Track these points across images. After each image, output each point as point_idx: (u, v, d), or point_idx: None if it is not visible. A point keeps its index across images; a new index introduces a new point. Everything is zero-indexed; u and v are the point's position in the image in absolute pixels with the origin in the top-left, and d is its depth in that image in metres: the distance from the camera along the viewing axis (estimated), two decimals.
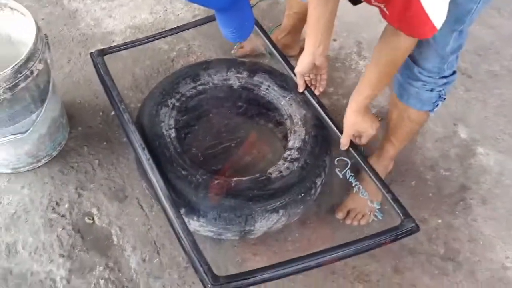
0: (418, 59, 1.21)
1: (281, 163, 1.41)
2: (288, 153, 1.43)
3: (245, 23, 0.96)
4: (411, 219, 1.22)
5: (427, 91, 1.25)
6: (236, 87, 1.60)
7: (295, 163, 1.39)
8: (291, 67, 1.48)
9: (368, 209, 1.50)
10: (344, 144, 1.34)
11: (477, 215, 1.60)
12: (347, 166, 1.34)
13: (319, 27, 1.25)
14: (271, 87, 1.58)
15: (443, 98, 1.27)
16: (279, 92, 1.57)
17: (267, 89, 1.58)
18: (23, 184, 1.58)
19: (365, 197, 1.31)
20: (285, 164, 1.40)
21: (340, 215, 1.54)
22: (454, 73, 1.25)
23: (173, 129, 1.45)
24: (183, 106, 1.53)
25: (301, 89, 1.46)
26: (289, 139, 1.48)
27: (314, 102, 1.44)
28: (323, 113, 1.42)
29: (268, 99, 1.59)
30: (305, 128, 1.48)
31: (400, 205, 1.25)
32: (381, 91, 1.26)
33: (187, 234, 1.16)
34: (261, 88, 1.59)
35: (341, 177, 1.35)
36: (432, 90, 1.25)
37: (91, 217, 1.53)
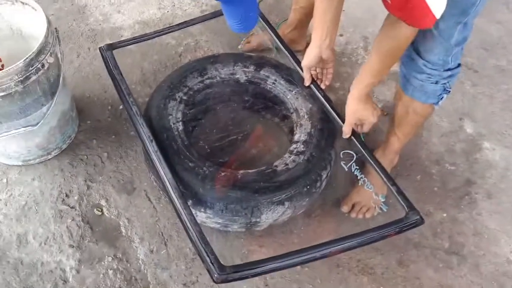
0: (422, 52, 1.22)
1: (287, 156, 1.42)
2: (294, 146, 1.44)
3: (250, 14, 1.00)
4: (416, 211, 1.23)
5: (431, 83, 1.26)
6: (243, 81, 1.62)
7: (301, 156, 1.41)
8: (298, 61, 1.49)
9: (373, 202, 1.50)
10: (346, 132, 1.35)
11: (482, 209, 1.60)
12: (352, 159, 1.35)
13: (326, 21, 1.26)
14: (278, 81, 1.59)
15: (448, 90, 1.27)
16: (286, 86, 1.58)
17: (274, 83, 1.60)
18: (34, 176, 1.61)
19: (370, 190, 1.32)
20: (291, 157, 1.41)
21: (345, 208, 1.55)
22: (459, 65, 1.25)
23: (181, 122, 1.47)
24: (191, 99, 1.55)
25: (307, 82, 1.47)
26: (295, 133, 1.49)
27: (320, 96, 1.45)
28: (329, 107, 1.43)
29: (274, 93, 1.60)
30: (311, 121, 1.49)
31: (404, 197, 1.26)
32: (382, 79, 1.26)
33: (194, 224, 1.18)
34: (268, 82, 1.60)
35: (346, 170, 1.36)
36: (437, 82, 1.25)
37: (100, 208, 1.55)
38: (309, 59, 1.37)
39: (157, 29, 1.72)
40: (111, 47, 1.56)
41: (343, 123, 1.39)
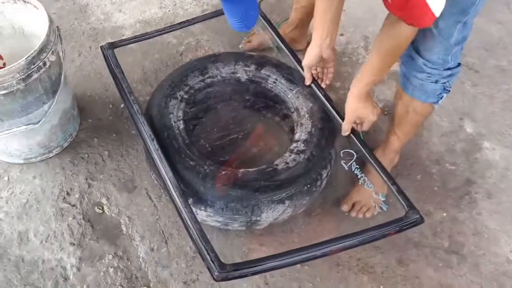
0: (422, 51, 1.22)
1: (288, 155, 1.42)
2: (294, 145, 1.45)
3: (250, 12, 1.02)
4: (416, 210, 1.23)
5: (431, 82, 1.26)
6: (243, 80, 1.62)
7: (301, 155, 1.41)
8: (298, 60, 1.49)
9: (373, 201, 1.51)
10: (345, 130, 1.36)
11: (482, 209, 1.61)
12: (352, 158, 1.35)
13: (326, 20, 1.26)
14: (279, 80, 1.59)
15: (448, 90, 1.28)
16: (286, 85, 1.58)
17: (275, 82, 1.60)
18: (35, 174, 1.61)
19: (371, 189, 1.33)
20: (292, 156, 1.41)
21: (345, 208, 1.56)
22: (458, 65, 1.25)
23: (182, 121, 1.48)
24: (192, 98, 1.56)
25: (308, 82, 1.47)
26: (296, 132, 1.50)
27: (320, 95, 1.46)
28: (329, 106, 1.43)
29: (275, 92, 1.61)
30: (311, 120, 1.49)
31: (405, 197, 1.26)
32: (383, 78, 1.27)
33: (195, 222, 1.19)
34: (269, 81, 1.61)
35: (346, 169, 1.36)
36: (436, 82, 1.26)
37: (100, 207, 1.56)
38: (309, 58, 1.38)
39: (158, 28, 1.73)
40: (113, 45, 1.56)
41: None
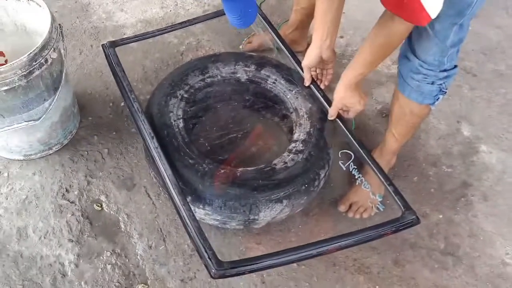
0: (418, 52, 1.24)
1: (286, 154, 1.43)
2: (293, 145, 1.46)
3: (249, 9, 1.09)
4: (412, 211, 1.24)
5: (428, 84, 1.27)
6: (243, 80, 1.63)
7: (299, 154, 1.42)
8: (298, 61, 1.51)
9: (370, 202, 1.52)
10: (331, 114, 1.42)
11: (477, 211, 1.62)
12: (350, 159, 1.36)
13: (326, 21, 1.28)
14: (278, 81, 1.61)
15: (444, 91, 1.29)
16: (286, 85, 1.59)
17: (274, 83, 1.61)
18: (35, 170, 1.62)
19: (368, 189, 1.34)
20: (290, 155, 1.42)
21: (342, 208, 1.57)
22: (455, 67, 1.26)
23: (181, 120, 1.48)
24: (192, 97, 1.57)
25: (307, 82, 1.48)
26: (295, 132, 1.51)
27: (319, 96, 1.47)
28: (328, 107, 1.44)
29: (274, 92, 1.62)
30: (310, 121, 1.50)
31: (401, 197, 1.27)
32: (372, 70, 1.31)
33: (193, 220, 1.19)
34: (268, 81, 1.62)
35: (344, 169, 1.37)
36: (433, 83, 1.27)
37: (99, 204, 1.57)
38: (309, 59, 1.39)
39: (159, 28, 1.74)
40: (114, 44, 1.57)
41: (342, 123, 1.41)
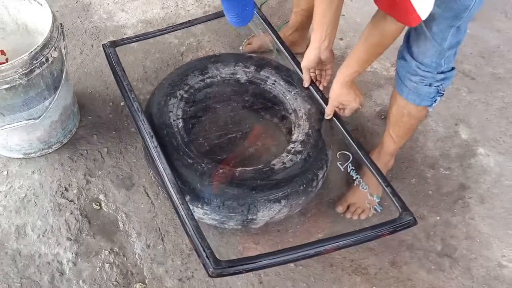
0: (416, 54, 1.25)
1: (285, 155, 1.44)
2: (291, 145, 1.47)
3: (247, 8, 1.16)
4: (409, 212, 1.25)
5: (425, 86, 1.28)
6: (243, 81, 1.64)
7: (298, 155, 1.43)
8: (298, 63, 1.52)
9: (368, 203, 1.52)
10: (328, 113, 1.44)
11: (475, 214, 1.62)
12: (348, 160, 1.37)
13: (324, 22, 1.29)
14: (277, 82, 1.61)
15: (441, 93, 1.30)
16: (285, 86, 1.60)
17: (273, 84, 1.62)
18: (34, 169, 1.63)
19: (366, 190, 1.34)
20: (289, 156, 1.43)
21: (340, 209, 1.57)
22: (452, 69, 1.27)
23: (181, 119, 1.49)
24: (191, 97, 1.57)
25: (306, 83, 1.49)
26: (293, 133, 1.51)
27: (318, 97, 1.48)
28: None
29: (274, 93, 1.63)
30: (309, 122, 1.51)
31: (399, 198, 1.28)
32: (367, 68, 1.33)
33: (191, 219, 1.20)
34: (267, 82, 1.63)
35: (342, 170, 1.38)
36: (430, 85, 1.28)
37: (98, 203, 1.57)
38: (308, 60, 1.40)
39: (160, 28, 1.75)
40: (114, 44, 1.58)
41: (341, 124, 1.42)
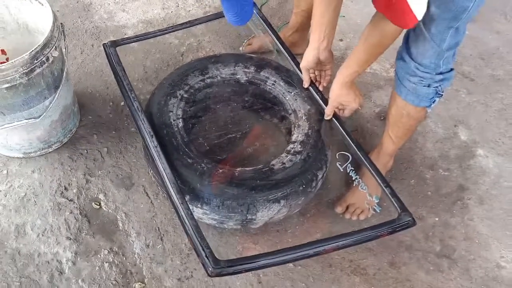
0: (415, 55, 1.25)
1: (284, 155, 1.44)
2: (291, 146, 1.47)
3: (246, 7, 1.18)
4: (408, 213, 1.25)
5: (424, 86, 1.29)
6: (243, 81, 1.64)
7: (297, 155, 1.43)
8: (297, 64, 1.52)
9: (367, 203, 1.53)
10: (327, 114, 1.44)
11: (473, 215, 1.63)
12: (348, 160, 1.37)
13: (323, 22, 1.29)
14: (277, 82, 1.62)
15: (440, 94, 1.30)
16: (285, 87, 1.61)
17: (273, 84, 1.62)
18: (34, 168, 1.63)
19: (365, 190, 1.34)
20: (288, 156, 1.43)
21: (339, 209, 1.58)
22: (451, 70, 1.28)
23: (181, 119, 1.50)
24: (191, 97, 1.58)
25: (306, 84, 1.50)
26: (293, 133, 1.52)
27: (318, 97, 1.49)
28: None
29: (273, 93, 1.63)
30: (308, 122, 1.51)
31: (398, 199, 1.28)
32: (367, 68, 1.34)
33: (191, 219, 1.20)
34: (267, 83, 1.63)
35: (341, 170, 1.38)
36: (429, 86, 1.28)
37: (98, 202, 1.57)
38: (307, 60, 1.40)
39: (160, 28, 1.75)
40: (115, 44, 1.59)
41: (340, 125, 1.42)
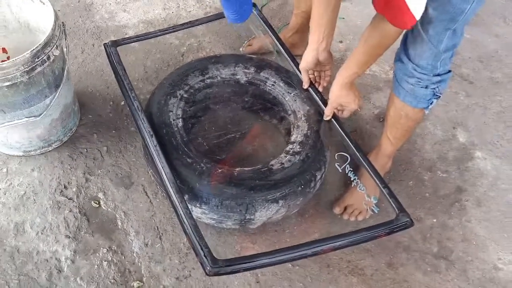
0: (413, 56, 1.26)
1: (283, 155, 1.45)
2: (290, 146, 1.48)
3: (244, 6, 1.22)
4: (406, 214, 1.26)
5: (421, 88, 1.30)
6: (243, 82, 1.65)
7: (296, 156, 1.44)
8: (297, 64, 1.52)
9: (365, 204, 1.53)
10: (327, 115, 1.45)
11: (471, 217, 1.63)
12: (346, 161, 1.38)
13: (322, 23, 1.30)
14: (277, 83, 1.63)
15: (438, 95, 1.31)
16: (284, 88, 1.61)
17: (273, 85, 1.63)
18: (34, 167, 1.63)
19: (363, 191, 1.35)
20: (287, 157, 1.44)
21: (337, 210, 1.58)
22: (449, 72, 1.29)
23: (181, 119, 1.50)
24: (191, 97, 1.58)
25: (305, 85, 1.50)
26: (292, 134, 1.52)
27: (317, 98, 1.49)
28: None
29: (273, 94, 1.64)
30: (308, 123, 1.52)
31: (396, 200, 1.28)
32: (366, 69, 1.34)
33: (189, 218, 1.21)
34: (267, 83, 1.64)
35: (340, 171, 1.39)
36: (426, 87, 1.29)
37: (97, 201, 1.58)
38: (306, 61, 1.41)
39: (161, 28, 1.76)
40: (116, 43, 1.59)
41: (339, 125, 1.43)
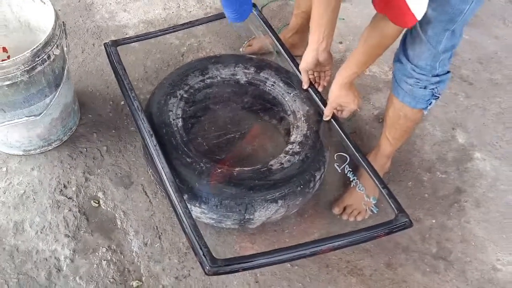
0: (411, 57, 1.27)
1: (283, 156, 1.45)
2: (290, 146, 1.48)
3: (244, 5, 1.24)
4: (405, 214, 1.26)
5: (420, 88, 1.30)
6: (242, 82, 1.65)
7: (296, 156, 1.44)
8: (297, 65, 1.53)
9: (364, 204, 1.53)
10: (326, 115, 1.45)
11: (470, 217, 1.64)
12: (346, 161, 1.38)
13: (322, 24, 1.30)
14: (277, 83, 1.63)
15: (437, 96, 1.31)
16: (284, 88, 1.62)
17: (273, 85, 1.63)
18: (33, 166, 1.64)
19: (362, 191, 1.35)
20: (286, 157, 1.44)
21: (336, 210, 1.58)
22: (448, 72, 1.29)
23: (180, 119, 1.50)
24: (191, 97, 1.59)
25: (305, 85, 1.51)
26: (292, 134, 1.53)
27: (317, 99, 1.50)
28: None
29: (273, 94, 1.64)
30: (307, 123, 1.52)
31: (395, 200, 1.29)
32: (366, 69, 1.34)
33: (189, 217, 1.21)
34: (267, 84, 1.64)
35: (339, 171, 1.39)
36: (425, 87, 1.29)
37: (97, 200, 1.58)
38: (306, 62, 1.41)
39: (161, 28, 1.76)
40: (116, 43, 1.60)
41: (339, 126, 1.43)
